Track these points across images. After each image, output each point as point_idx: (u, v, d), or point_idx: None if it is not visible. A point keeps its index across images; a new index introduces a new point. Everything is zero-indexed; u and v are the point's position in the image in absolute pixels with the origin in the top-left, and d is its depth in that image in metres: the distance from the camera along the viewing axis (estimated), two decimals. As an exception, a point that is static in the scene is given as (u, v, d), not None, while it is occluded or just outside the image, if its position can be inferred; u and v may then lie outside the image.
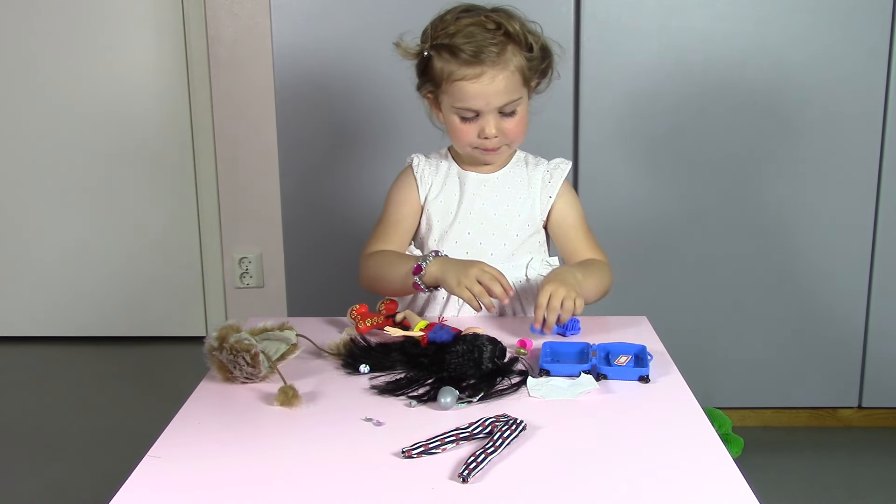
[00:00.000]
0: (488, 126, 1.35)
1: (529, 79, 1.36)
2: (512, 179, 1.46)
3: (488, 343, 1.13)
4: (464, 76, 1.32)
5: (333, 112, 2.19)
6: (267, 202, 2.90)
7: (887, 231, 2.21)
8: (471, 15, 1.34)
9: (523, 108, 1.38)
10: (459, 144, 1.42)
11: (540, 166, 1.48)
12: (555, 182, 1.46)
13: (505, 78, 1.32)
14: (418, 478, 0.86)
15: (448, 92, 1.35)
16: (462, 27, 1.32)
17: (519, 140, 1.42)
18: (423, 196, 1.48)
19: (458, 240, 1.45)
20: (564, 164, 1.49)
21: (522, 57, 1.33)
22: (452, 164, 1.48)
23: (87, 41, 2.91)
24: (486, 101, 1.33)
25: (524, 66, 1.34)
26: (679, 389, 1.09)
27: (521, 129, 1.39)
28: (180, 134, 2.96)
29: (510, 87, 1.33)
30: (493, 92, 1.32)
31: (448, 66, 1.33)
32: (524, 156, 1.50)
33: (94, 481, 2.09)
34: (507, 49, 1.32)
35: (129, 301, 3.10)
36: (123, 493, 0.84)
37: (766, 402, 2.36)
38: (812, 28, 2.11)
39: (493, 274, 1.26)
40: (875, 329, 2.27)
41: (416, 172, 1.48)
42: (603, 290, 1.41)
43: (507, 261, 1.44)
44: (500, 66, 1.31)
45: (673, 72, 2.14)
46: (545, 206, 1.46)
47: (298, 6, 2.14)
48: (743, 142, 2.18)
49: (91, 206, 3.04)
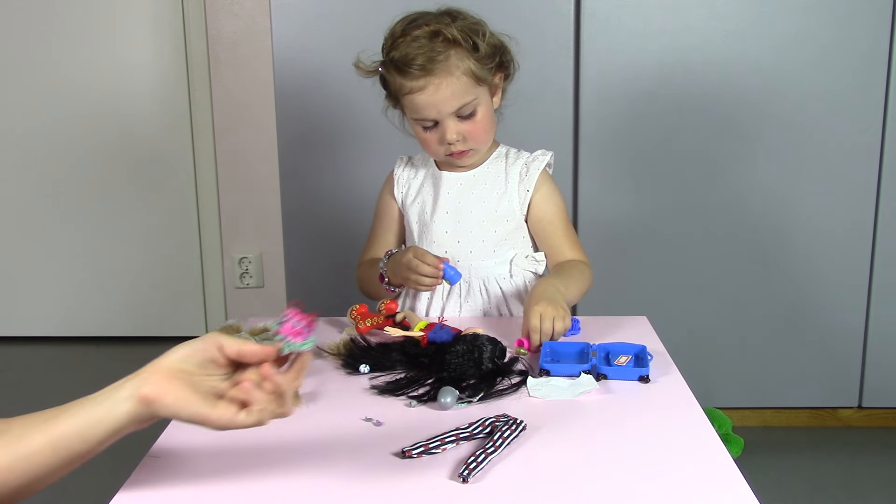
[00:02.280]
0: (448, 132, 1.36)
1: (483, 78, 1.35)
2: (488, 176, 1.46)
3: (488, 343, 1.13)
4: (410, 89, 1.33)
5: (333, 112, 2.19)
6: (267, 202, 2.90)
7: (887, 231, 2.21)
8: (415, 25, 1.34)
9: (483, 109, 1.37)
10: (429, 152, 1.45)
11: (520, 160, 1.47)
12: (532, 175, 1.45)
13: (450, 84, 1.32)
14: (418, 478, 0.86)
15: (404, 105, 1.38)
16: (403, 41, 1.32)
17: (485, 140, 1.42)
18: (401, 200, 1.51)
19: (435, 240, 1.46)
20: (542, 156, 1.47)
21: (470, 59, 1.33)
22: (431, 164, 1.50)
23: (88, 41, 2.91)
24: (437, 110, 1.34)
25: (472, 68, 1.33)
26: (679, 389, 1.09)
27: (483, 128, 1.39)
28: (180, 134, 2.96)
29: (459, 92, 1.33)
30: (441, 100, 1.33)
31: (396, 80, 1.35)
32: (505, 150, 1.49)
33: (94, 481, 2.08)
34: (449, 55, 1.31)
35: (129, 301, 3.10)
36: (123, 493, 0.84)
37: (766, 402, 2.36)
38: (812, 28, 2.11)
39: (416, 264, 1.33)
40: (875, 329, 2.27)
41: (394, 177, 1.53)
42: (583, 293, 1.43)
43: (488, 257, 1.44)
44: (443, 74, 1.31)
45: (673, 71, 2.14)
46: (524, 200, 1.45)
47: (298, 6, 2.14)
48: (743, 141, 2.18)
49: (91, 205, 3.04)
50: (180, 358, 0.81)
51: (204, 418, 0.79)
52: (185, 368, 0.82)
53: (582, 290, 1.41)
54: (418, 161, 1.53)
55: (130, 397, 0.79)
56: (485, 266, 1.44)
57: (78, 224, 3.05)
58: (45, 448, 0.78)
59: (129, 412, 0.79)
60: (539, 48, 2.13)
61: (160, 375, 0.80)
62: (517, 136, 1.57)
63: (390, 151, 1.59)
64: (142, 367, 0.81)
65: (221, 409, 0.80)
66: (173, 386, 0.79)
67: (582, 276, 1.42)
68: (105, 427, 0.79)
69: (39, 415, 0.81)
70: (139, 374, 0.81)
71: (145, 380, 0.79)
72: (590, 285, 1.44)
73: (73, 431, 0.79)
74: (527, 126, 2.01)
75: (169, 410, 0.79)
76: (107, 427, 0.79)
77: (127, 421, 0.79)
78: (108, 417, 0.79)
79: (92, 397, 0.80)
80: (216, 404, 0.80)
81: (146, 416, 0.80)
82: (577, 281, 1.39)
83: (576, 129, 2.18)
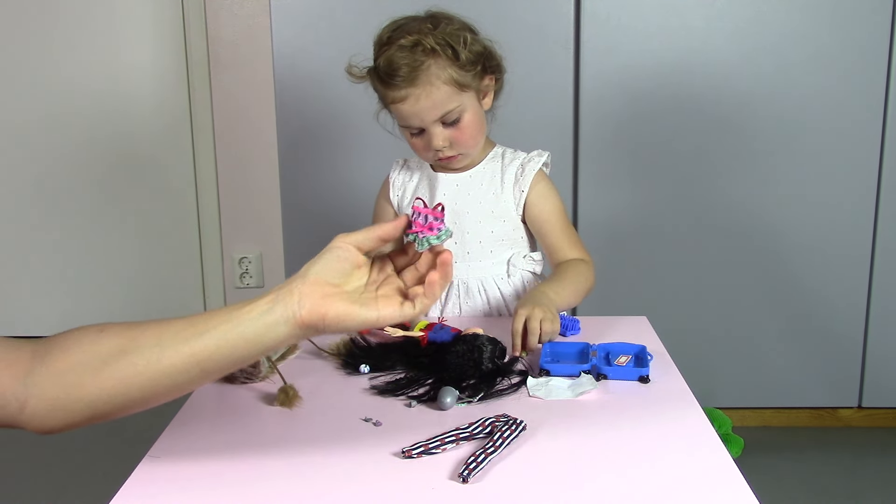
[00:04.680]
0: (434, 139, 1.36)
1: (466, 84, 1.34)
2: (484, 176, 1.46)
3: (488, 343, 1.13)
4: (393, 99, 1.34)
5: (333, 112, 2.19)
6: (267, 202, 2.90)
7: (887, 231, 2.21)
8: (399, 33, 1.33)
9: (470, 114, 1.36)
10: (420, 157, 1.46)
11: (516, 160, 1.47)
12: (527, 175, 1.44)
13: (431, 94, 1.31)
14: (418, 478, 0.86)
15: (392, 112, 1.39)
16: (387, 50, 1.32)
17: (473, 144, 1.41)
18: (396, 204, 1.52)
19: None
20: (538, 157, 1.47)
21: (451, 68, 1.32)
22: (426, 167, 1.50)
23: (87, 41, 2.91)
24: (420, 119, 1.34)
25: (454, 76, 1.32)
26: (679, 389, 1.09)
27: (470, 133, 1.38)
28: (180, 134, 2.96)
29: (441, 101, 1.32)
30: (423, 109, 1.33)
31: (380, 89, 1.36)
32: (501, 151, 1.49)
33: (94, 481, 2.09)
34: (430, 65, 1.31)
35: (129, 301, 3.10)
36: (123, 493, 0.84)
37: (766, 402, 2.36)
38: (812, 28, 2.11)
39: None
40: (875, 329, 2.27)
41: (390, 180, 1.54)
42: (583, 293, 1.42)
43: (485, 258, 1.45)
44: (423, 85, 1.31)
45: (673, 71, 2.14)
46: (519, 200, 1.45)
47: (298, 6, 2.14)
48: (742, 141, 2.18)
49: (91, 205, 3.04)
50: (325, 272, 0.82)
51: (372, 323, 0.81)
52: (333, 281, 0.82)
53: (579, 292, 1.40)
54: (413, 164, 1.53)
55: (287, 321, 0.80)
56: (482, 266, 1.44)
57: (78, 224, 3.05)
58: (190, 366, 0.81)
59: (288, 334, 0.80)
60: (539, 48, 2.13)
61: (315, 296, 0.80)
62: (517, 136, 1.57)
63: (390, 151, 1.59)
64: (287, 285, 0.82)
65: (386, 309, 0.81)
66: (332, 302, 0.80)
67: (579, 276, 1.41)
68: (259, 347, 0.81)
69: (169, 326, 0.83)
70: (288, 293, 0.81)
71: (301, 303, 0.80)
72: (592, 285, 1.43)
73: (223, 352, 0.81)
74: (527, 126, 2.01)
75: (336, 327, 0.80)
76: (261, 347, 0.81)
77: (284, 342, 0.81)
78: (263, 339, 0.80)
79: (235, 315, 0.81)
80: (376, 305, 0.81)
81: (307, 335, 0.82)
82: (573, 283, 1.39)
83: (576, 129, 2.18)
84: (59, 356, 0.83)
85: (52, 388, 0.81)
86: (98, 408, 0.82)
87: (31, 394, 0.81)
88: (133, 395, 0.82)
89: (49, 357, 0.83)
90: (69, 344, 0.83)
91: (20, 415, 0.82)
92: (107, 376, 0.81)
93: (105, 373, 0.81)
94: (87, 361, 0.82)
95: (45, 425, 0.83)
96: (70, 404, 0.82)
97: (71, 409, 0.82)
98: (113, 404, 0.82)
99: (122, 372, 0.81)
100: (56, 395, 0.81)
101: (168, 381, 0.81)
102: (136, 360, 0.81)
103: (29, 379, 0.82)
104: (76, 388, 0.81)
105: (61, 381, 0.81)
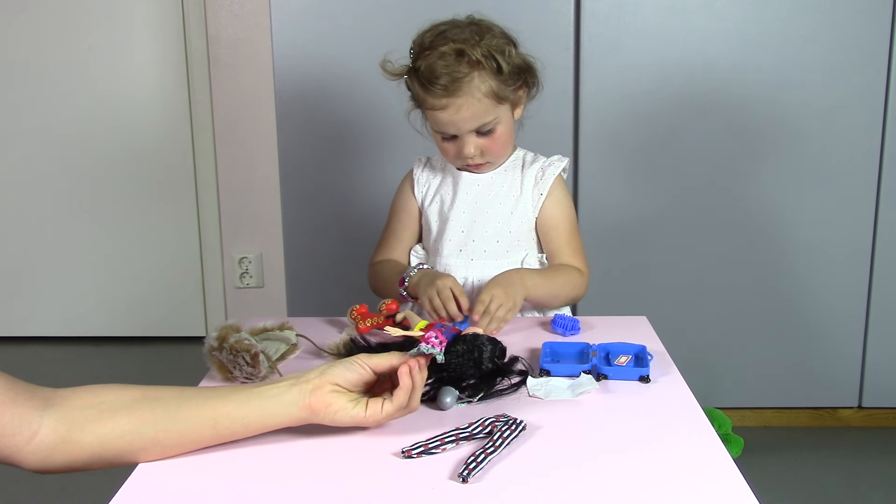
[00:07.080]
0: (466, 147, 1.37)
1: (505, 97, 1.35)
2: (505, 178, 1.48)
3: (488, 343, 1.12)
4: (432, 105, 1.34)
5: (333, 112, 2.19)
6: (267, 202, 2.90)
7: (887, 231, 2.21)
8: (442, 39, 1.33)
9: (503, 126, 1.38)
10: (446, 160, 1.47)
11: (536, 164, 1.49)
12: (546, 179, 1.46)
13: (471, 106, 1.32)
14: (418, 478, 0.86)
15: (426, 115, 1.39)
16: (430, 55, 1.32)
17: (502, 153, 1.44)
18: (420, 200, 1.53)
19: (452, 238, 1.47)
20: (559, 162, 1.49)
21: (492, 80, 1.32)
22: (449, 166, 1.51)
23: (87, 41, 2.91)
24: (457, 128, 1.35)
25: (494, 89, 1.33)
26: (679, 389, 1.09)
27: (501, 144, 1.41)
28: (180, 134, 2.96)
29: (479, 113, 1.34)
30: (461, 119, 1.34)
31: (419, 93, 1.36)
32: (523, 154, 1.51)
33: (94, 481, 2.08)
34: (473, 77, 1.31)
35: (129, 301, 3.10)
36: (123, 494, 0.84)
37: (766, 402, 2.36)
38: (812, 28, 2.11)
39: (449, 294, 1.30)
40: (875, 329, 2.27)
41: (414, 176, 1.54)
42: (564, 298, 1.44)
43: (501, 257, 1.45)
44: (465, 96, 1.31)
45: (673, 72, 2.14)
46: (536, 203, 1.47)
47: (298, 6, 2.14)
48: (742, 142, 2.18)
49: (91, 206, 3.04)
50: (340, 377, 0.94)
51: (359, 420, 0.93)
52: (342, 384, 0.95)
53: (559, 296, 1.42)
54: (437, 162, 1.54)
55: (297, 403, 0.92)
56: (498, 266, 1.44)
57: (77, 224, 3.05)
58: (205, 424, 0.90)
59: (296, 415, 0.92)
60: (539, 48, 2.12)
61: (325, 390, 0.93)
62: (517, 135, 1.57)
63: (390, 151, 1.59)
64: (305, 375, 0.94)
65: (371, 409, 0.94)
66: (335, 398, 0.93)
67: (565, 279, 1.43)
68: (271, 421, 0.92)
69: (190, 389, 0.94)
70: (305, 381, 0.93)
71: (313, 393, 0.92)
72: (578, 294, 1.45)
73: (239, 417, 0.91)
74: (526, 126, 2.01)
75: (331, 417, 0.93)
76: (272, 421, 0.92)
77: (291, 422, 0.93)
78: (276, 414, 0.92)
79: (256, 390, 0.93)
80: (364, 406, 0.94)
81: (309, 419, 0.93)
82: (555, 284, 1.41)
83: (576, 129, 2.19)
84: (84, 395, 0.90)
85: (66, 422, 0.86)
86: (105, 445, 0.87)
87: (45, 423, 0.86)
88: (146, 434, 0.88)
89: (74, 395, 0.90)
90: (95, 389, 0.91)
91: (27, 445, 0.85)
92: (124, 413, 0.88)
93: (123, 411, 0.88)
94: (111, 401, 0.89)
95: (46, 461, 0.87)
96: (80, 438, 0.86)
97: (79, 443, 0.86)
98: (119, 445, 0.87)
99: (140, 413, 0.89)
100: (69, 428, 0.86)
101: (177, 432, 0.89)
102: (155, 405, 0.90)
103: (46, 411, 0.86)
104: (91, 422, 0.87)
105: (79, 415, 0.87)
